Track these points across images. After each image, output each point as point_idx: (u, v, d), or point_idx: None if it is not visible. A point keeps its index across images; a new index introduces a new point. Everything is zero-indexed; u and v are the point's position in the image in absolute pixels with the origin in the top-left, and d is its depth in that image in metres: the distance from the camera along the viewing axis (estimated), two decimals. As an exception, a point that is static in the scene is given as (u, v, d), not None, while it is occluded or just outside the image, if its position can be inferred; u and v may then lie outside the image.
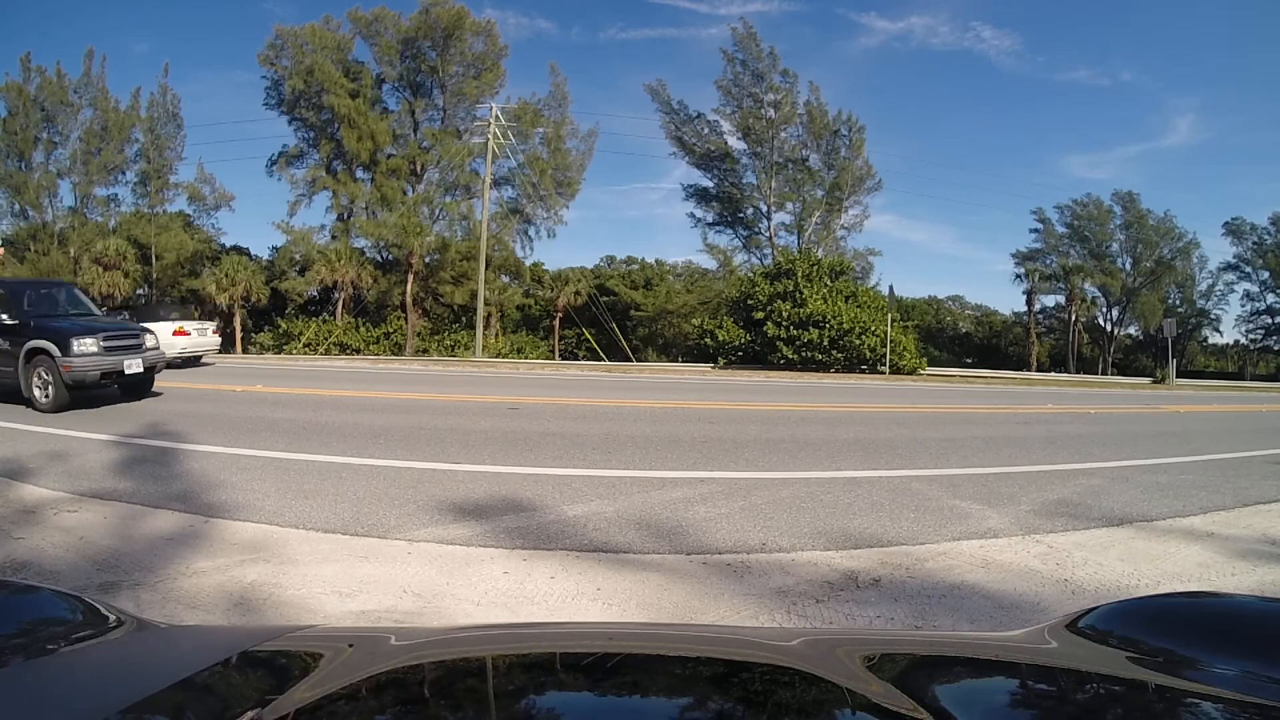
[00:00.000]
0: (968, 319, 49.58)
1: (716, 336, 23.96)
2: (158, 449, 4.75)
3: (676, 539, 3.13)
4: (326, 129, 29.22)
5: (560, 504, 3.62)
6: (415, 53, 29.00)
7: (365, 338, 27.93)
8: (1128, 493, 4.39)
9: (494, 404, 8.14)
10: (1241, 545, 3.40)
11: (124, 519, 3.23)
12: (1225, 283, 41.19)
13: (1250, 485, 4.82)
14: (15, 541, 2.88)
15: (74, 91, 29.48)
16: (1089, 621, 0.82)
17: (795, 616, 2.35)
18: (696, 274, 38.37)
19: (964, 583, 2.72)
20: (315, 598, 2.40)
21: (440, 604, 2.38)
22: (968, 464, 5.21)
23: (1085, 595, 2.61)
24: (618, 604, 2.41)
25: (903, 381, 18.59)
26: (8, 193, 29.31)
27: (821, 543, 3.16)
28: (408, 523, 3.26)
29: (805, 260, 24.70)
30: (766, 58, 30.03)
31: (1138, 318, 40.91)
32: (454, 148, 28.67)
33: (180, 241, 29.97)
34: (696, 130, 31.99)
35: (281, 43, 28.56)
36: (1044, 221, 40.53)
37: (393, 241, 28.82)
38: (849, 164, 30.94)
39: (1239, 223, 40.09)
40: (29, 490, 3.71)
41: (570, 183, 30.83)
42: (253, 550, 2.85)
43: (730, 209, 32.76)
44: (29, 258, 28.68)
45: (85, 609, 0.83)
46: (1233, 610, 0.88)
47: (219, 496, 3.61)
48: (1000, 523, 3.58)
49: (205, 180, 30.82)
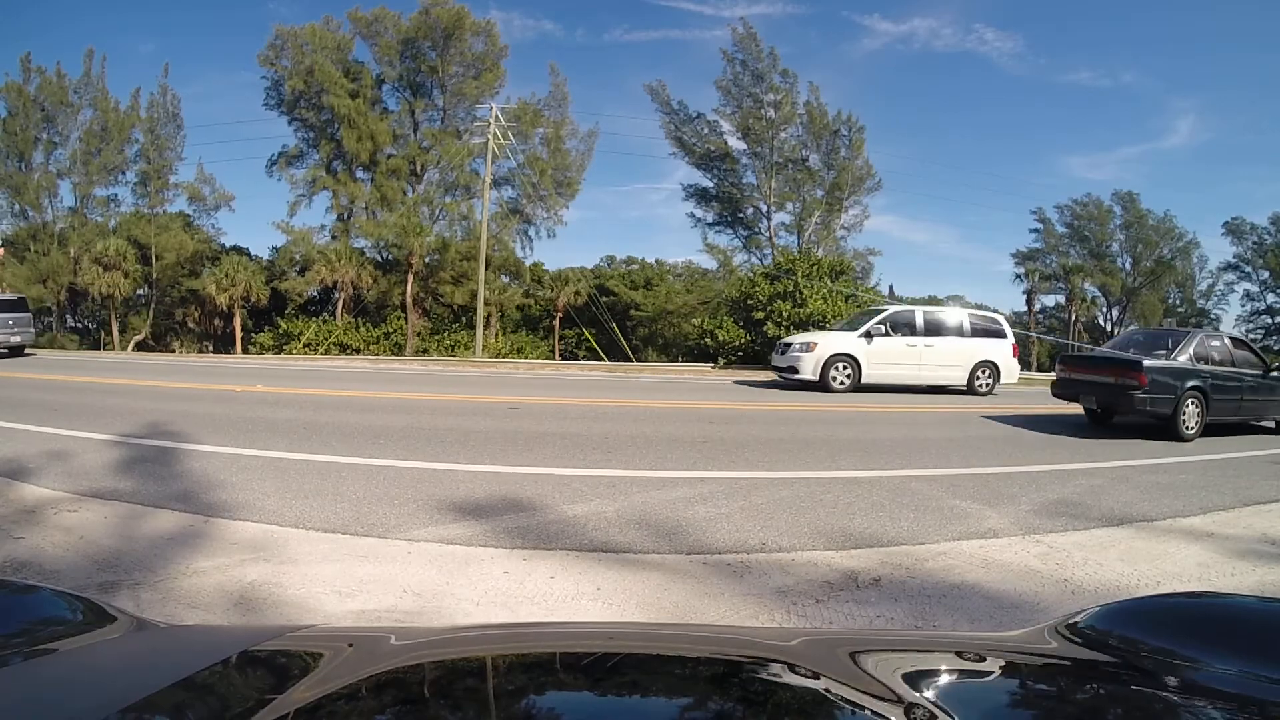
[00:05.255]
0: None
1: (716, 336, 23.95)
2: (158, 449, 4.75)
3: (676, 539, 3.13)
4: (326, 129, 29.22)
5: (560, 504, 3.62)
6: (415, 53, 29.00)
7: (365, 338, 27.93)
8: (1127, 493, 4.39)
9: (494, 404, 8.14)
10: (1241, 545, 3.40)
11: (124, 518, 3.23)
12: (1225, 282, 41.21)
13: (1250, 485, 4.83)
14: (15, 541, 2.88)
15: (74, 92, 29.47)
16: (1089, 621, 0.82)
17: (795, 616, 2.35)
18: (696, 274, 38.36)
19: (964, 583, 2.72)
20: (315, 597, 2.40)
21: (440, 604, 2.38)
22: (968, 464, 5.22)
23: (1085, 595, 2.61)
24: (617, 604, 2.41)
25: (903, 381, 18.54)
26: (8, 193, 29.30)
27: (821, 542, 3.16)
28: (408, 522, 3.26)
29: (805, 260, 24.68)
30: (766, 58, 30.03)
31: (1138, 318, 40.89)
32: (454, 148, 28.68)
33: (180, 241, 29.97)
34: (696, 130, 31.99)
35: (281, 43, 28.56)
36: (1044, 221, 40.53)
37: (393, 241, 28.82)
38: (849, 164, 30.94)
39: (1239, 223, 40.09)
40: (29, 490, 3.71)
41: (570, 183, 30.84)
42: (253, 550, 2.85)
43: (730, 209, 32.74)
44: (29, 258, 28.68)
45: (85, 609, 0.83)
46: (1232, 610, 0.88)
47: (219, 496, 3.61)
48: (1000, 522, 3.58)
49: (205, 180, 30.82)
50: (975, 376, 11.76)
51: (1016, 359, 12.31)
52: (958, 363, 11.70)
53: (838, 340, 11.42)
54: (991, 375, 11.85)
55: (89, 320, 33.96)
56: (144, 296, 31.68)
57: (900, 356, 11.40)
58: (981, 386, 11.76)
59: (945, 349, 11.65)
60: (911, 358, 11.44)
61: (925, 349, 11.52)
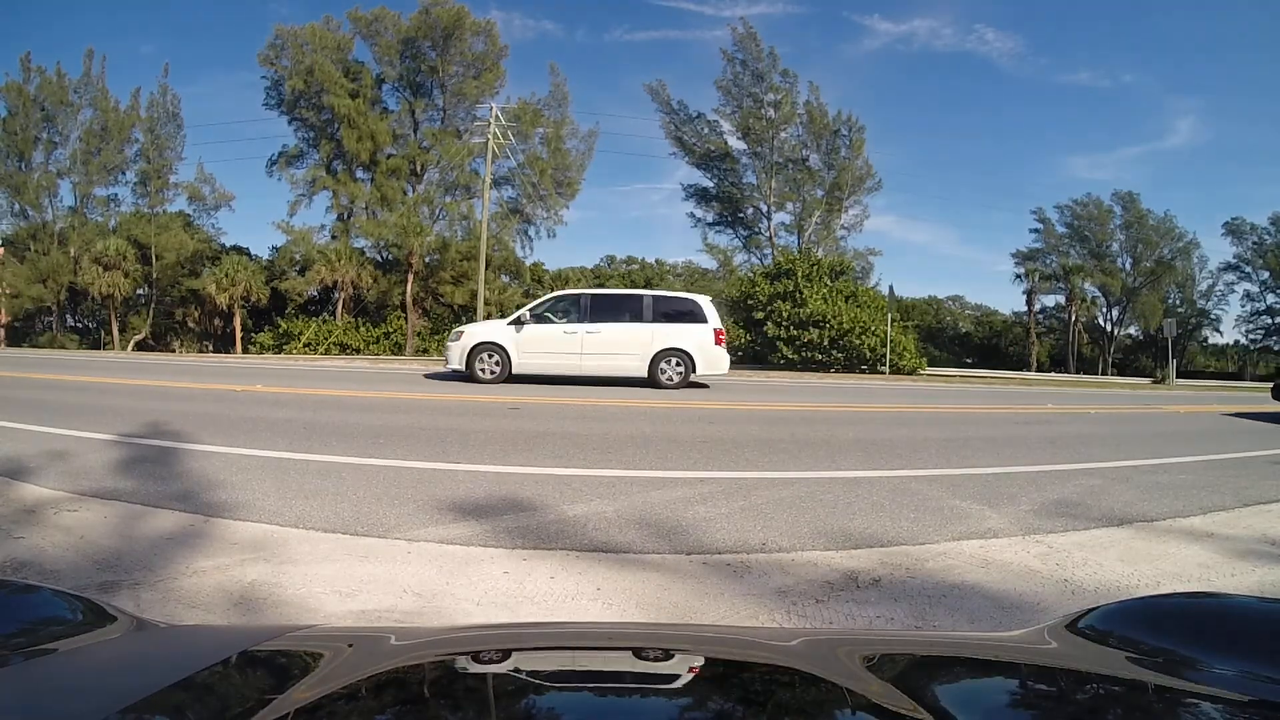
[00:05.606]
0: (968, 319, 49.64)
1: (716, 336, 23.94)
2: (158, 448, 4.75)
3: (676, 539, 3.13)
4: (326, 129, 29.24)
5: (560, 504, 3.62)
6: (415, 53, 29.02)
7: (365, 338, 27.95)
8: (1128, 493, 4.39)
9: (494, 404, 8.14)
10: (1242, 545, 3.40)
11: (124, 518, 3.23)
12: (1225, 283, 41.30)
13: (1250, 485, 4.82)
14: (15, 541, 2.88)
15: (74, 91, 29.53)
16: (1089, 621, 0.82)
17: (795, 616, 2.35)
18: (696, 274, 38.46)
19: (964, 583, 2.72)
20: (315, 597, 2.40)
21: (440, 604, 2.38)
22: (968, 464, 5.21)
23: (1085, 595, 2.61)
24: (617, 604, 2.41)
25: (903, 381, 18.59)
26: (8, 193, 29.34)
27: (822, 543, 3.16)
28: (408, 522, 3.26)
29: (805, 260, 24.70)
30: (766, 58, 30.09)
31: (1138, 318, 40.92)
32: (454, 148, 28.69)
33: (180, 241, 30.00)
34: (696, 130, 32.05)
35: (281, 43, 28.60)
36: (1044, 221, 40.61)
37: (393, 241, 28.85)
38: (849, 164, 30.99)
39: (1239, 223, 40.15)
40: (29, 489, 3.71)
41: (570, 183, 30.88)
42: (253, 550, 2.85)
43: (730, 209, 32.79)
44: (29, 257, 28.70)
45: (85, 608, 0.83)
46: (1233, 610, 0.88)
47: (219, 496, 3.61)
48: (1000, 523, 3.58)
49: (205, 180, 30.90)
50: (658, 367, 10.73)
51: (723, 346, 11.11)
52: (633, 351, 10.68)
53: (485, 329, 11.00)
54: (683, 365, 10.77)
55: (89, 320, 33.98)
56: (144, 296, 31.69)
57: (556, 344, 10.64)
58: (667, 379, 10.70)
59: (615, 336, 10.66)
60: (570, 345, 10.63)
61: (588, 336, 10.62)
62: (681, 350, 10.78)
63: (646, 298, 11.63)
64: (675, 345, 10.75)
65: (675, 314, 11.14)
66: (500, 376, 10.65)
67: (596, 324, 10.76)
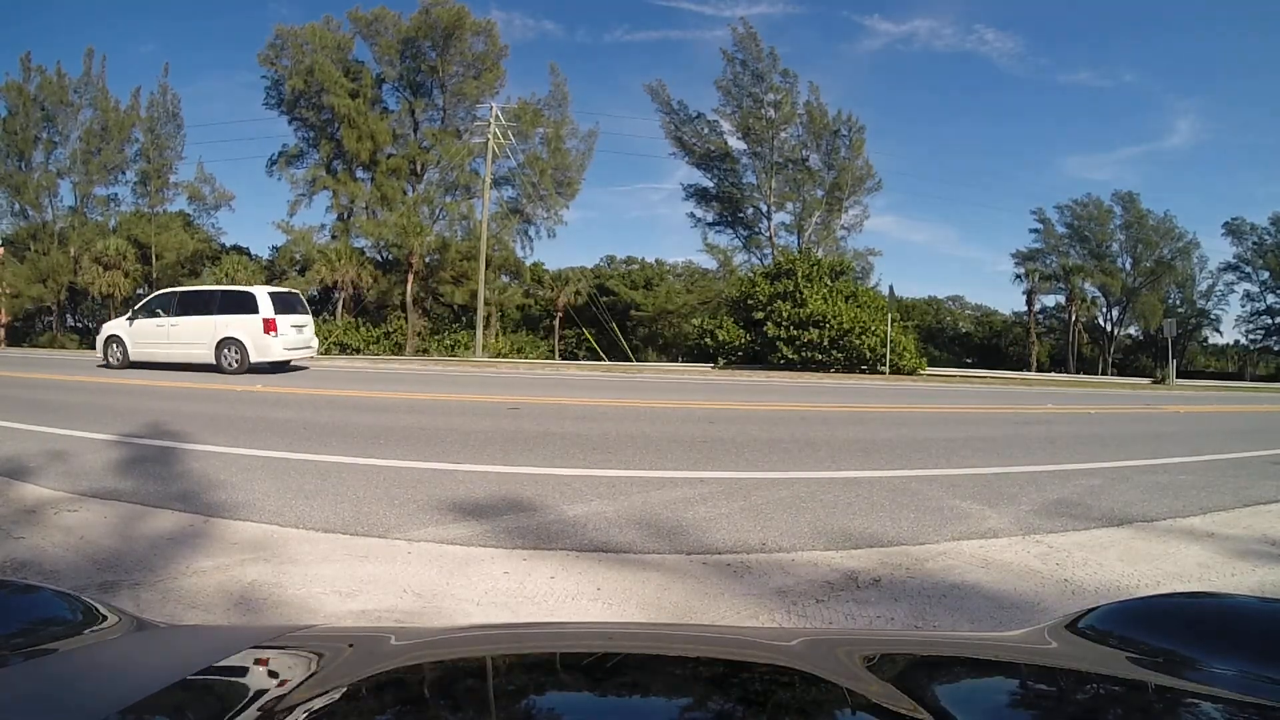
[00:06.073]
0: (968, 319, 49.61)
1: (716, 336, 23.95)
2: (158, 448, 4.75)
3: (676, 539, 3.13)
4: (326, 129, 29.21)
5: (560, 504, 3.62)
6: (415, 53, 28.99)
7: (365, 337, 27.92)
8: (1128, 493, 4.39)
9: (494, 404, 8.14)
10: (1241, 545, 3.40)
11: (124, 518, 3.23)
12: (1225, 283, 41.18)
13: (1250, 485, 4.82)
14: (15, 541, 2.88)
15: (74, 91, 29.49)
16: (1089, 621, 0.82)
17: (795, 616, 2.35)
18: (696, 274, 38.39)
19: (964, 583, 2.72)
20: (316, 597, 2.40)
21: (440, 604, 2.38)
22: (968, 464, 5.21)
23: (1085, 595, 2.61)
24: (617, 604, 2.41)
25: (903, 382, 18.59)
26: (8, 192, 29.32)
27: (821, 543, 3.16)
28: (408, 522, 3.26)
29: (805, 260, 24.69)
30: (766, 58, 30.06)
31: (1138, 318, 40.88)
32: (454, 148, 28.67)
33: (180, 241, 29.98)
34: (696, 130, 32.02)
35: (281, 42, 28.56)
36: (1044, 221, 40.54)
37: (393, 241, 28.82)
38: (849, 164, 30.96)
39: (1239, 223, 40.07)
40: (29, 489, 3.71)
41: (570, 183, 30.84)
42: (253, 550, 2.85)
43: (730, 209, 32.76)
44: (29, 257, 28.69)
45: (85, 609, 0.83)
46: (1233, 610, 0.88)
47: (219, 496, 3.61)
48: (1000, 523, 3.58)
49: (205, 180, 30.85)
50: (221, 354, 11.82)
51: (272, 334, 11.88)
52: (202, 340, 11.88)
53: (113, 325, 12.79)
54: (238, 353, 11.74)
55: (89, 320, 33.95)
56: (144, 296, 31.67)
57: (153, 336, 12.20)
58: (228, 364, 11.72)
59: (190, 327, 12.02)
60: (161, 336, 12.15)
61: (172, 328, 12.12)
62: (236, 339, 11.82)
63: (217, 292, 13.11)
64: (232, 335, 11.85)
65: (236, 306, 12.17)
66: (123, 363, 12.21)
67: (180, 318, 12.24)
